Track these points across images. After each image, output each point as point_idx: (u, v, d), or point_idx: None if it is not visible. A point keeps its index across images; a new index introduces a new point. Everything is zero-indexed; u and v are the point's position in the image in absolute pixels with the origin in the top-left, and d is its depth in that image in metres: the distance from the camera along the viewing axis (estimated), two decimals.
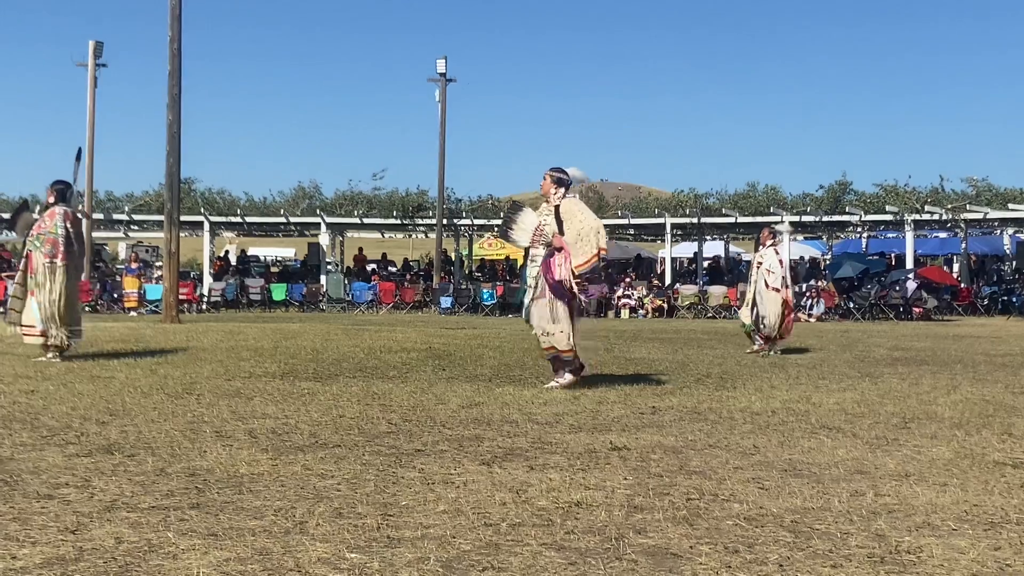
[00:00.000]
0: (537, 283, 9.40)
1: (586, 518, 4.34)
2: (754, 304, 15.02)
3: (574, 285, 9.26)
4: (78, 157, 12.43)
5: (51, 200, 11.71)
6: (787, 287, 15.18)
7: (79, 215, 12.29)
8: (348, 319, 27.55)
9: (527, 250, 9.81)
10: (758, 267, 15.20)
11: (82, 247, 12.06)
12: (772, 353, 14.66)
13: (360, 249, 44.16)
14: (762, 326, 14.88)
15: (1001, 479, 5.33)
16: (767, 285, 14.95)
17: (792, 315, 15.51)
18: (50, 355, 11.39)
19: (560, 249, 9.27)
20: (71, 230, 11.56)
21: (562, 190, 9.60)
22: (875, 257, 41.06)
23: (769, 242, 15.39)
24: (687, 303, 35.14)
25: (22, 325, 11.56)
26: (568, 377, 9.36)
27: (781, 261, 15.25)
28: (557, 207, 9.46)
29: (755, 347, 15.00)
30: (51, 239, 11.41)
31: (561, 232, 9.30)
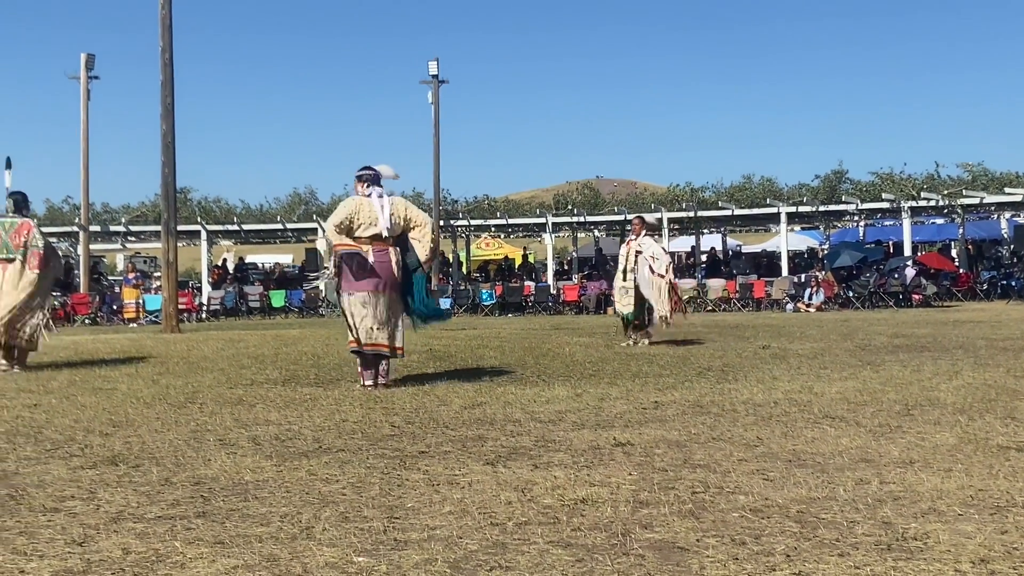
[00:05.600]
0: None
1: (592, 514, 4.34)
2: (636, 293, 14.93)
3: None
4: (8, 166, 12.89)
5: (12, 211, 12.25)
6: (671, 273, 15.13)
7: None
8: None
9: None
10: (637, 255, 14.99)
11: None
12: (643, 343, 14.70)
13: None
14: (648, 314, 14.96)
15: (1006, 463, 5.33)
16: (652, 271, 14.81)
17: (680, 302, 15.51)
18: (4, 364, 11.71)
19: None
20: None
21: (363, 185, 9.74)
22: (873, 245, 41.10)
23: (644, 232, 15.32)
24: (686, 297, 35.10)
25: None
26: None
27: (664, 249, 15.23)
28: None
29: (631, 339, 15.01)
30: (37, 252, 11.93)
31: None
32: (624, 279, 15.17)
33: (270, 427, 7.00)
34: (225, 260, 49.85)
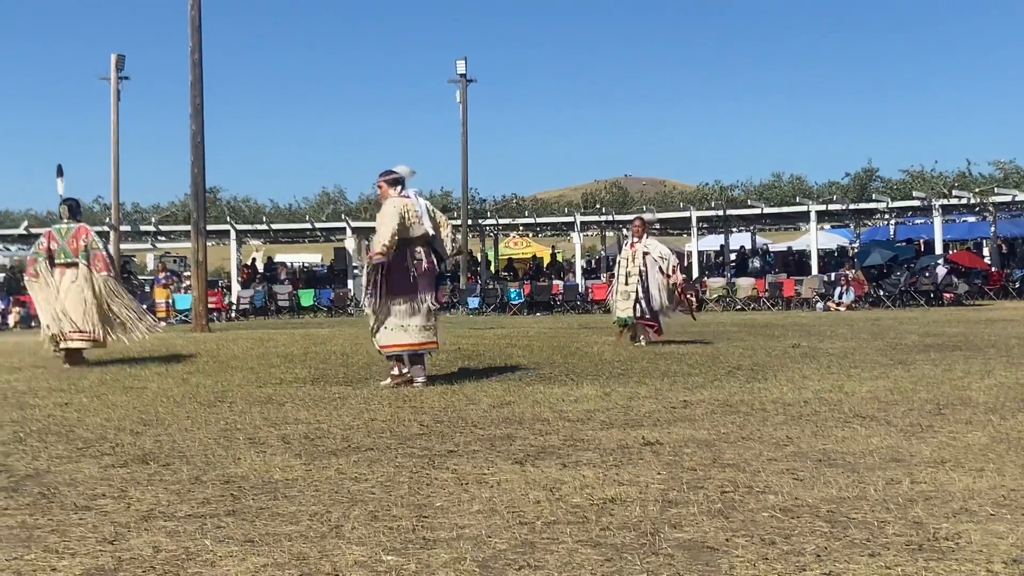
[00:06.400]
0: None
1: (621, 514, 4.33)
2: (639, 295, 14.59)
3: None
4: (59, 173, 13.36)
5: (67, 217, 12.69)
6: (679, 273, 14.98)
7: None
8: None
9: None
10: (644, 256, 14.70)
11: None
12: (643, 342, 14.54)
13: None
14: (660, 311, 14.70)
15: None
16: (662, 272, 14.63)
17: (689, 303, 15.41)
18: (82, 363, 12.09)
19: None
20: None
21: (396, 189, 9.68)
22: (904, 244, 40.82)
23: (646, 233, 15.13)
24: (715, 296, 35.06)
25: (75, 332, 12.00)
26: (421, 378, 9.50)
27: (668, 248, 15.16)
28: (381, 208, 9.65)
29: (642, 339, 14.69)
30: (100, 255, 12.45)
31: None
32: (627, 283, 14.80)
33: (299, 426, 7.03)
34: (254, 259, 50.09)
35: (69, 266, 12.24)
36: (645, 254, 14.71)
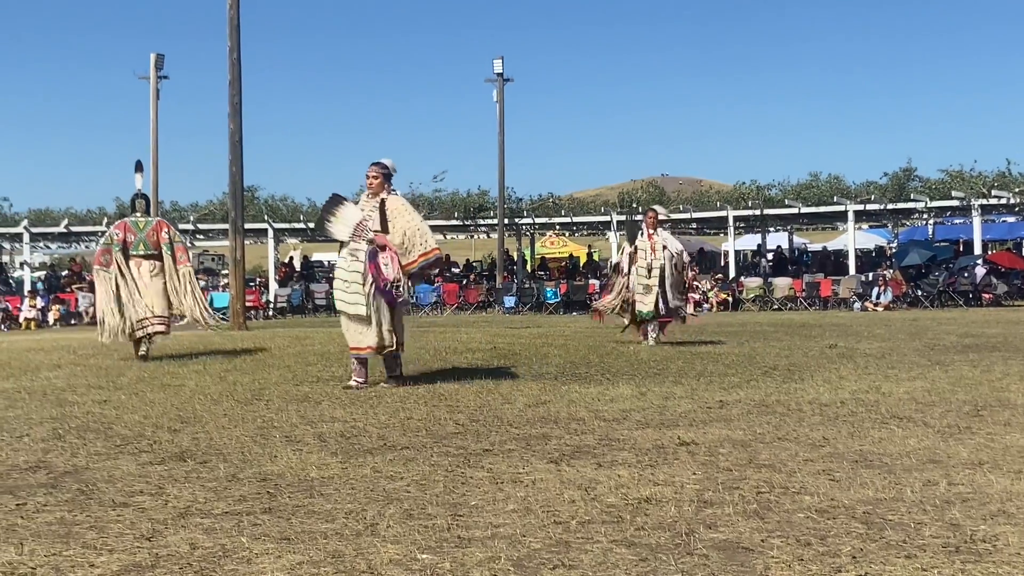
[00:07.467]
0: (365, 279, 9.40)
1: (656, 514, 4.33)
2: (660, 289, 14.30)
3: (401, 284, 9.36)
4: (138, 169, 13.57)
5: (143, 211, 12.99)
6: (689, 269, 14.78)
7: None
8: (412, 321, 27.62)
9: (342, 244, 9.80)
10: (663, 250, 14.39)
11: None
12: (652, 340, 14.33)
13: None
14: (669, 308, 14.45)
15: None
16: (677, 268, 14.42)
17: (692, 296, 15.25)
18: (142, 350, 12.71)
19: (384, 248, 9.36)
20: None
21: (388, 184, 9.66)
22: (942, 244, 40.47)
23: (660, 226, 14.77)
24: (752, 296, 34.91)
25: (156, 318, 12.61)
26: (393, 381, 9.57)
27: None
28: (383, 202, 9.49)
29: (643, 337, 14.48)
30: (182, 247, 13.00)
31: (385, 230, 9.38)
32: (649, 276, 14.41)
33: (335, 424, 7.05)
34: (291, 258, 50.33)
35: (148, 258, 12.61)
36: (664, 248, 14.47)
